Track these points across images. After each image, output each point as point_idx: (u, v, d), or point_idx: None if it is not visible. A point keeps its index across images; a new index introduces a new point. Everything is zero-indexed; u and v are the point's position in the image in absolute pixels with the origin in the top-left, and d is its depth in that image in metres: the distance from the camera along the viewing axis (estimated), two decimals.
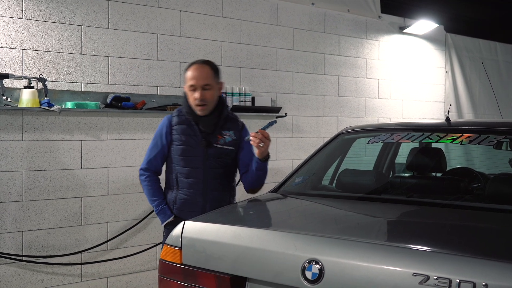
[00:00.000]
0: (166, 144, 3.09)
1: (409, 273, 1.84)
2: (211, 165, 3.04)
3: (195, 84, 2.99)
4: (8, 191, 3.94)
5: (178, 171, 3.07)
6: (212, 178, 3.05)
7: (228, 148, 3.07)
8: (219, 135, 3.06)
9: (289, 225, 2.51)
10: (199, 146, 3.02)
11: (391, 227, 2.41)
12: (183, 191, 3.06)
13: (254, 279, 2.21)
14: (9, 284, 3.94)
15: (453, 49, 7.21)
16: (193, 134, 3.04)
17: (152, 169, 3.14)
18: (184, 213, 3.02)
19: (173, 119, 3.10)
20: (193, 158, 3.03)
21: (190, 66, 3.07)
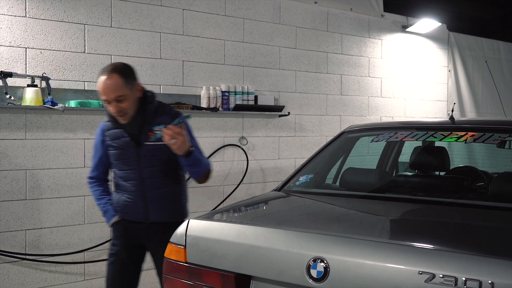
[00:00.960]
0: (102, 152, 3.01)
1: (415, 271, 1.84)
2: (146, 164, 2.90)
3: (107, 99, 2.79)
4: (12, 190, 3.94)
5: (118, 175, 3.00)
6: (149, 177, 2.91)
7: (161, 143, 2.81)
8: (150, 131, 2.86)
9: (294, 223, 2.50)
10: (130, 147, 2.90)
11: (396, 225, 2.41)
12: (124, 193, 2.98)
13: (259, 277, 2.21)
14: (12, 282, 3.95)
15: (455, 48, 7.20)
16: (123, 136, 2.92)
17: (96, 177, 3.10)
18: (126, 215, 2.99)
19: (105, 125, 2.99)
20: (127, 160, 2.92)
21: (100, 75, 2.82)
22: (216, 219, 2.56)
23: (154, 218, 2.94)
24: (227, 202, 5.04)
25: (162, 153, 2.90)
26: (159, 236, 2.87)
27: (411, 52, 6.69)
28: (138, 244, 3.04)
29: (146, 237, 2.99)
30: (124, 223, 3.01)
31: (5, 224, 3.92)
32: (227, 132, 5.06)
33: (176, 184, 3.02)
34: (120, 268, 3.03)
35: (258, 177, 5.31)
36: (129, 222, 2.99)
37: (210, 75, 4.94)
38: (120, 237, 3.04)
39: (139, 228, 2.98)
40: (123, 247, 3.03)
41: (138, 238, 3.02)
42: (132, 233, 3.01)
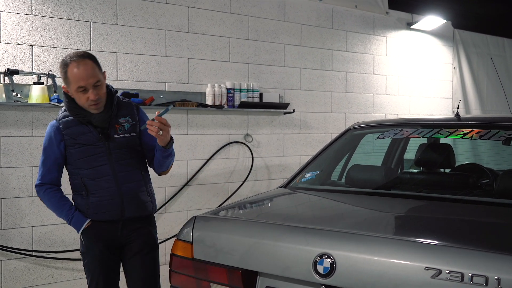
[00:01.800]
0: (59, 153, 2.78)
1: (421, 267, 1.85)
2: (117, 158, 2.77)
3: (85, 84, 2.61)
4: (18, 187, 3.96)
5: (83, 174, 2.76)
6: (121, 171, 2.78)
7: (129, 135, 2.79)
8: (116, 124, 2.77)
9: (300, 219, 2.52)
10: (99, 142, 2.74)
11: (401, 221, 2.42)
12: (95, 193, 2.76)
13: (266, 273, 2.22)
14: (19, 278, 3.97)
15: (460, 45, 7.18)
16: (88, 132, 2.74)
17: (48, 183, 2.82)
18: (101, 215, 2.78)
19: (60, 124, 2.76)
20: (95, 156, 2.74)
21: (69, 63, 2.63)
22: (222, 215, 2.58)
23: (130, 213, 2.80)
24: (232, 199, 5.05)
25: (131, 145, 2.82)
26: (138, 230, 2.85)
27: (416, 50, 6.69)
28: (114, 244, 2.84)
29: (122, 234, 2.82)
30: (97, 226, 2.79)
31: (12, 220, 3.94)
32: (232, 130, 5.07)
33: (145, 176, 2.92)
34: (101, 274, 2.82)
35: (263, 174, 5.32)
36: (102, 223, 2.78)
37: (215, 73, 4.95)
38: (95, 241, 2.80)
39: (114, 228, 2.81)
40: (100, 252, 2.81)
41: (114, 239, 2.83)
42: (107, 234, 2.81)
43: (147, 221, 2.92)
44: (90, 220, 2.78)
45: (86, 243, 2.83)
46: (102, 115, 2.73)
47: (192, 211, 4.75)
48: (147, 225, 2.92)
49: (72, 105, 2.73)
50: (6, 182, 3.91)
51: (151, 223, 2.96)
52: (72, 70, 2.62)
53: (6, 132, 3.90)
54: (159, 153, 2.77)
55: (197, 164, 4.85)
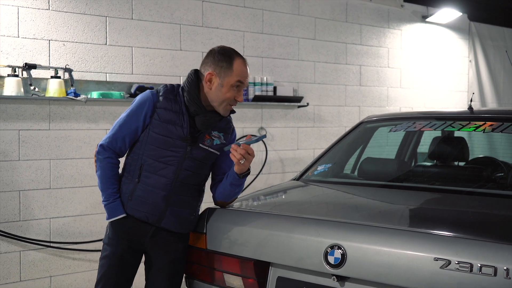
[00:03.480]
0: (141, 126, 2.50)
1: (431, 257, 1.87)
2: (187, 166, 2.51)
3: (244, 82, 2.50)
4: (37, 179, 4.04)
5: (146, 162, 2.50)
6: (183, 180, 2.52)
7: (213, 151, 2.57)
8: (208, 134, 2.55)
9: (312, 211, 2.55)
10: (182, 141, 2.49)
11: (412, 213, 2.43)
12: (144, 187, 2.50)
13: (277, 263, 2.26)
14: (38, 269, 4.05)
15: (476, 37, 7.13)
16: (179, 125, 2.49)
17: (115, 150, 2.55)
18: (138, 212, 2.51)
19: (159, 99, 2.50)
20: (169, 152, 2.49)
21: (237, 56, 2.50)
22: (235, 207, 2.61)
23: (166, 225, 2.53)
24: (246, 192, 5.06)
25: (206, 162, 2.59)
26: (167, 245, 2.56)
27: (431, 43, 6.65)
28: (138, 247, 2.58)
29: (150, 241, 2.55)
30: (129, 222, 2.53)
31: (30, 212, 4.02)
32: (246, 123, 5.10)
33: (199, 196, 2.65)
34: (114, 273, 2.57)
35: (277, 167, 5.35)
36: (135, 221, 2.52)
37: None
38: (120, 237, 2.54)
39: (145, 230, 2.53)
40: (121, 249, 2.55)
41: (141, 242, 2.56)
42: (135, 235, 2.54)
43: (181, 238, 2.60)
44: (124, 215, 2.51)
45: (111, 236, 2.57)
46: (212, 118, 2.52)
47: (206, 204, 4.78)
48: (179, 242, 2.59)
49: (196, 92, 2.50)
50: (24, 174, 3.99)
51: (184, 240, 2.61)
52: (241, 64, 2.48)
53: (24, 125, 3.97)
54: (229, 180, 2.55)
55: None
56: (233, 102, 2.51)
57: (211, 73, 2.47)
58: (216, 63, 2.47)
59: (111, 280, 2.57)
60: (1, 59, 3.87)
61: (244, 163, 2.43)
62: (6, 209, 3.93)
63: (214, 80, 2.47)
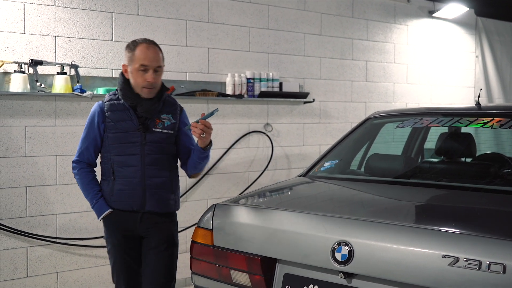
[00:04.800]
0: (98, 134, 2.86)
1: (439, 255, 1.86)
2: (149, 150, 2.82)
3: (149, 64, 2.75)
4: (43, 175, 4.05)
5: (114, 160, 2.83)
6: (150, 164, 2.82)
7: (167, 132, 2.86)
8: (157, 119, 2.85)
9: (319, 207, 2.54)
10: (136, 131, 2.80)
11: (420, 210, 2.42)
12: (120, 181, 2.82)
13: (284, 260, 2.25)
14: (44, 265, 4.06)
15: (483, 33, 7.08)
16: (129, 119, 2.81)
17: (84, 161, 2.91)
18: (122, 204, 2.83)
19: (105, 105, 2.85)
20: (129, 144, 2.80)
21: (137, 44, 2.80)
22: (242, 203, 2.61)
23: (150, 207, 2.83)
24: (252, 188, 5.08)
25: (166, 142, 2.87)
26: (157, 225, 2.86)
27: (437, 38, 6.62)
28: (134, 234, 2.88)
29: (141, 226, 2.85)
30: (117, 215, 2.85)
31: (37, 208, 4.03)
32: (252, 119, 5.09)
33: (173, 174, 2.94)
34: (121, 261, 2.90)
35: (283, 163, 5.34)
36: (122, 213, 2.84)
37: (235, 62, 4.98)
38: (114, 230, 2.88)
39: (133, 218, 2.84)
40: (119, 241, 2.88)
41: (133, 229, 2.86)
42: (126, 224, 2.86)
43: (168, 218, 2.92)
44: (111, 210, 2.84)
45: (106, 230, 2.93)
46: (149, 104, 2.81)
47: (212, 200, 4.79)
48: (167, 221, 2.92)
49: (126, 87, 2.83)
50: (31, 170, 3.99)
51: (172, 220, 2.95)
52: (141, 49, 2.77)
53: (30, 121, 3.98)
54: (196, 155, 2.85)
55: (217, 153, 4.89)
56: (146, 84, 2.78)
57: (124, 65, 2.86)
58: (126, 55, 2.85)
59: (122, 269, 2.91)
60: (8, 55, 3.88)
61: (205, 136, 2.73)
62: (13, 205, 3.94)
63: (127, 69, 2.83)
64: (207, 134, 2.73)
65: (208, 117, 2.71)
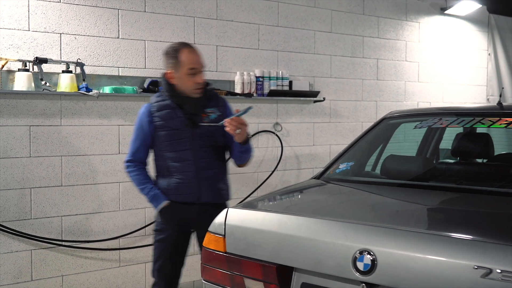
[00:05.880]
0: (149, 134, 3.02)
1: (470, 265, 1.74)
2: (199, 144, 2.98)
3: (197, 67, 2.95)
4: (48, 176, 3.95)
5: (167, 156, 3.00)
6: (202, 157, 2.99)
7: (214, 125, 2.99)
8: (203, 113, 3.00)
9: (338, 213, 2.42)
10: (185, 127, 2.96)
11: (446, 216, 2.29)
12: (176, 175, 2.99)
13: (302, 269, 2.14)
14: (49, 268, 3.97)
15: (496, 30, 6.94)
16: (177, 117, 2.97)
17: (137, 160, 3.07)
18: (180, 197, 3.00)
19: (152, 106, 3.02)
20: (180, 140, 2.96)
21: (179, 50, 2.96)
22: (257, 208, 2.49)
23: (206, 199, 2.99)
24: (261, 189, 4.97)
25: (214, 135, 3.01)
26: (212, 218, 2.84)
27: (449, 35, 6.49)
28: (187, 228, 3.08)
29: (197, 218, 3.00)
30: (174, 207, 3.00)
31: (41, 210, 3.93)
32: (261, 118, 4.98)
33: (223, 165, 3.13)
34: (170, 253, 3.05)
35: (292, 163, 5.22)
36: (180, 205, 3.00)
37: (244, 60, 4.86)
38: (170, 221, 3.03)
39: (190, 210, 3.00)
40: (173, 232, 3.03)
41: (188, 221, 3.04)
42: (182, 216, 3.02)
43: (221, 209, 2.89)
44: (168, 201, 2.99)
45: (162, 222, 3.04)
46: (196, 101, 2.97)
47: None
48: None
49: (171, 89, 2.98)
50: (35, 171, 3.89)
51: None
52: (185, 54, 2.94)
53: (35, 121, 3.88)
54: (237, 149, 3.00)
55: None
56: (196, 85, 2.95)
57: (169, 73, 2.99)
58: (168, 62, 2.99)
59: (167, 260, 3.05)
60: (12, 53, 3.77)
61: (240, 132, 2.85)
62: (17, 206, 3.84)
63: (173, 76, 2.97)
64: (242, 130, 2.85)
65: (241, 114, 2.83)
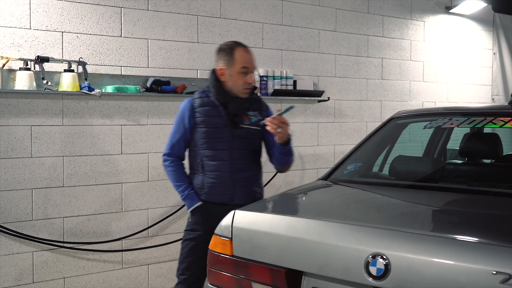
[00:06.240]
0: (189, 128, 2.99)
1: (488, 271, 1.68)
2: (237, 146, 2.96)
3: (250, 67, 2.94)
4: (49, 177, 3.88)
5: (203, 154, 2.97)
6: (238, 159, 2.97)
7: (254, 128, 3.00)
8: (245, 115, 2.99)
9: (348, 216, 2.35)
10: (225, 127, 2.94)
11: (462, 219, 2.22)
12: (210, 174, 2.96)
13: (312, 273, 2.07)
14: (51, 270, 3.91)
15: (501, 29, 6.87)
16: (218, 115, 2.95)
17: (175, 154, 3.05)
18: (213, 197, 2.97)
19: (195, 101, 3.01)
20: (218, 139, 2.94)
21: (234, 48, 2.96)
22: (264, 210, 2.43)
23: (239, 200, 2.93)
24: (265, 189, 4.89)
25: (253, 138, 3.02)
26: None
27: (454, 35, 6.42)
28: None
29: None
30: (206, 208, 2.96)
31: (43, 211, 3.87)
32: None
33: (259, 168, 3.12)
34: (198, 254, 2.98)
35: (296, 164, 5.16)
36: (212, 205, 2.95)
37: None
38: (202, 222, 2.98)
39: (222, 211, 2.82)
40: (204, 233, 2.96)
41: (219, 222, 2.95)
42: (214, 217, 2.84)
43: None
44: (201, 202, 2.97)
45: (194, 222, 3.02)
46: (241, 101, 2.96)
47: None
48: None
49: (219, 86, 2.97)
50: (37, 172, 3.83)
51: None
52: (240, 53, 2.94)
53: (36, 121, 3.82)
54: (277, 150, 2.97)
55: None
56: (246, 85, 2.94)
57: (220, 68, 2.97)
58: (222, 58, 2.98)
59: (195, 261, 3.00)
60: (13, 52, 3.71)
61: (282, 131, 2.80)
62: (18, 208, 3.78)
63: (224, 73, 2.96)
64: (283, 129, 2.81)
65: (283, 113, 2.79)
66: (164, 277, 4.40)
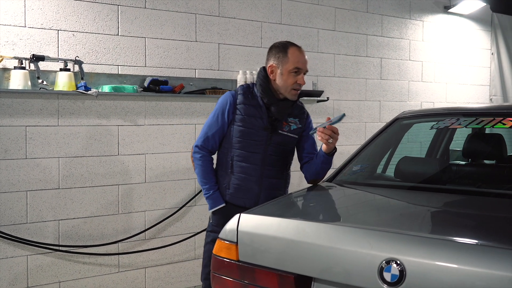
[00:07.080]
0: (227, 122, 2.87)
1: (509, 277, 1.61)
2: (271, 151, 2.86)
3: (302, 67, 2.83)
4: (45, 178, 3.79)
5: (235, 153, 2.86)
6: (269, 165, 2.87)
7: (292, 136, 2.91)
8: (285, 121, 2.89)
9: (359, 219, 2.28)
10: (264, 130, 2.83)
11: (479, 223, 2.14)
12: (238, 176, 2.87)
13: (322, 279, 2.00)
14: (45, 274, 3.81)
15: (499, 29, 6.84)
16: (259, 117, 2.84)
17: (208, 148, 2.92)
18: (237, 200, 2.88)
19: (237, 96, 2.87)
20: (254, 142, 2.83)
21: (288, 46, 2.83)
22: (272, 213, 2.35)
23: None
24: None
25: (287, 146, 2.92)
26: None
27: (453, 34, 6.38)
28: None
29: None
30: (229, 209, 2.82)
31: (38, 214, 3.77)
32: None
33: (287, 177, 3.01)
34: None
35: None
36: (236, 207, 2.81)
37: (247, 59, 4.72)
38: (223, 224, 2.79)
39: None
40: None
41: None
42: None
43: None
44: (224, 204, 2.88)
45: (215, 223, 2.91)
46: (285, 105, 2.85)
47: None
48: None
49: (267, 84, 2.84)
50: (31, 173, 3.74)
51: None
52: (294, 52, 2.81)
53: (31, 121, 3.72)
54: (319, 160, 2.85)
55: None
56: (296, 86, 2.83)
57: (271, 65, 2.84)
58: (274, 55, 2.84)
59: None
60: (7, 50, 3.62)
61: (332, 142, 2.72)
62: (12, 210, 3.68)
63: (275, 70, 2.83)
64: (334, 139, 2.71)
65: (335, 122, 2.66)
66: (161, 281, 4.31)
